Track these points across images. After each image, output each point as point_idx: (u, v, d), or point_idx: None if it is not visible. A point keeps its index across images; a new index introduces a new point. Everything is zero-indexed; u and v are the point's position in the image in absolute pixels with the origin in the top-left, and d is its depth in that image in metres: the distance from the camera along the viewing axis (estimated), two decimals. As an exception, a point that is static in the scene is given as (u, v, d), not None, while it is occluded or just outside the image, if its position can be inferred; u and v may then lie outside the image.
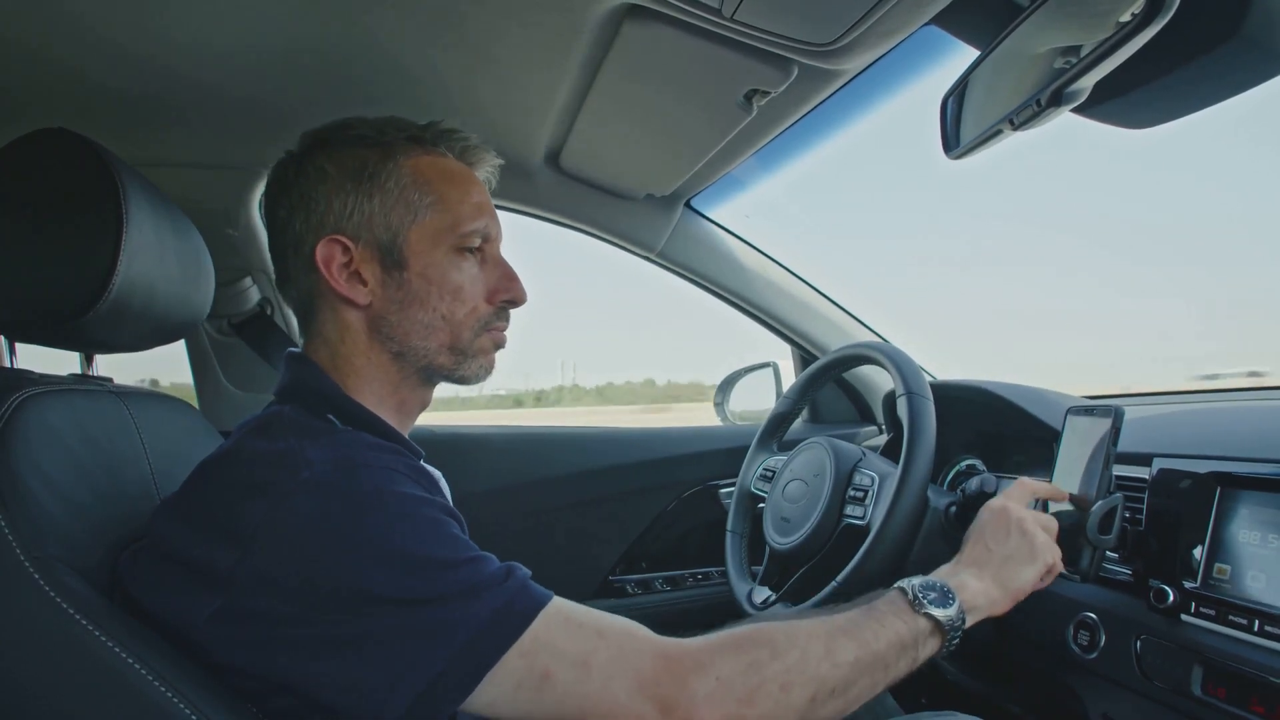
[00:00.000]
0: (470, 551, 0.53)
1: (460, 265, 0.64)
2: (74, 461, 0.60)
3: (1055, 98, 0.58)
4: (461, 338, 0.64)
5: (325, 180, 0.62)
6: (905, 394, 0.85)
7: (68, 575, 0.53)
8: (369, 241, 0.62)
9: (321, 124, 0.66)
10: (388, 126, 0.64)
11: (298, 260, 0.63)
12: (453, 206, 0.64)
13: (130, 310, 0.64)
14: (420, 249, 0.62)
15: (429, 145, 0.65)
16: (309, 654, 0.50)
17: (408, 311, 0.63)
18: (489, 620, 0.50)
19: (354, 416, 0.61)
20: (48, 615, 0.51)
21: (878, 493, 0.85)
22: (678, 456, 1.37)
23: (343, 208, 0.61)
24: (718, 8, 0.72)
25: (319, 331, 0.64)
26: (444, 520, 0.54)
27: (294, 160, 0.64)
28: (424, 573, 0.50)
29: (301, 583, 0.49)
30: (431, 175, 0.64)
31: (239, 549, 0.50)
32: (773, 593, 0.91)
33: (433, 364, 0.65)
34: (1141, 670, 0.69)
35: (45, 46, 0.81)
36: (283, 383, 0.64)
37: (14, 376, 0.62)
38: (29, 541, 0.52)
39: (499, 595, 0.51)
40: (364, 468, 0.54)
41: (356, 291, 0.62)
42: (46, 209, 0.61)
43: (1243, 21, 0.53)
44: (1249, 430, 0.82)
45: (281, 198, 0.63)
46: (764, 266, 1.39)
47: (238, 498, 0.53)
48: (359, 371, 0.64)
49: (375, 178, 0.62)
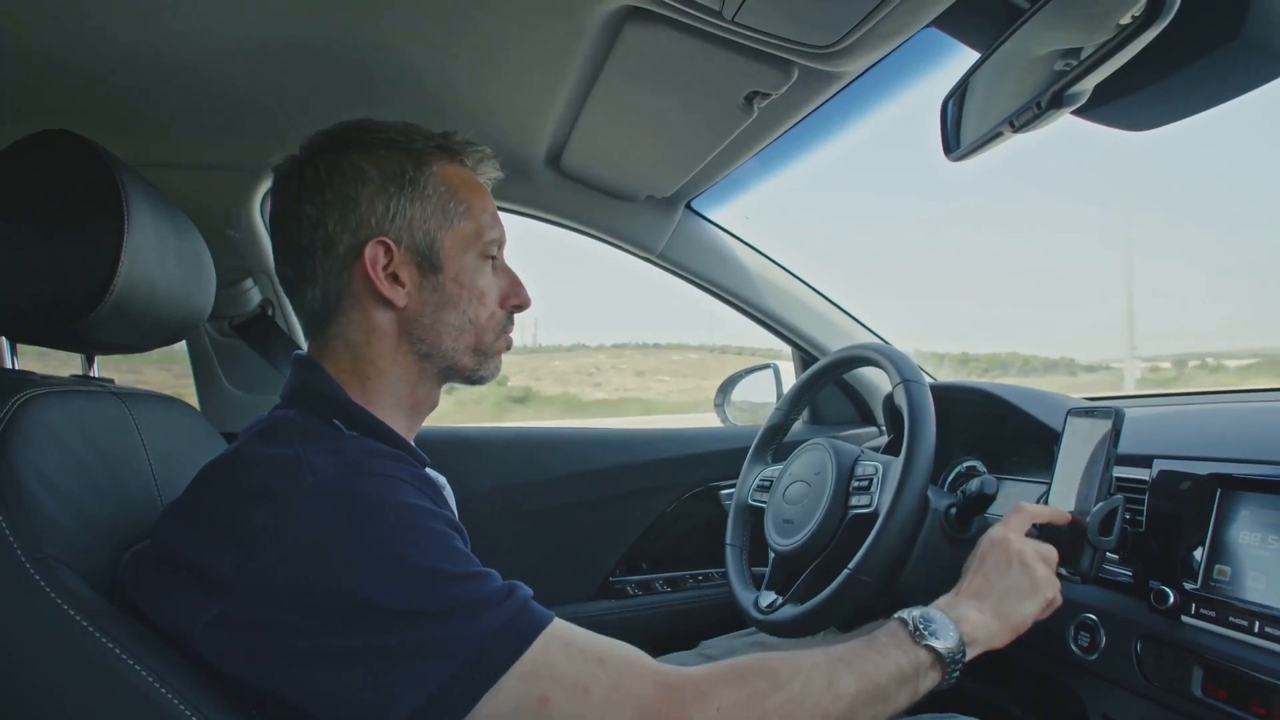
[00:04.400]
0: (472, 566, 0.53)
1: (485, 271, 0.67)
2: (75, 463, 0.60)
3: (1055, 100, 0.58)
4: (484, 339, 0.67)
5: (367, 182, 0.62)
6: (902, 382, 0.85)
7: (68, 577, 0.53)
8: (409, 245, 0.63)
9: (328, 125, 0.66)
10: (414, 133, 0.65)
11: (328, 260, 0.62)
12: (478, 215, 0.66)
13: (131, 311, 0.64)
14: (454, 254, 0.65)
15: (453, 155, 0.67)
16: (304, 665, 0.49)
17: (441, 314, 0.64)
18: (489, 639, 0.49)
19: (360, 422, 0.61)
20: (48, 616, 0.51)
21: (883, 479, 0.85)
22: (678, 457, 1.37)
23: (385, 211, 0.62)
24: (718, 10, 0.72)
25: (340, 333, 0.64)
26: (447, 533, 0.54)
27: (322, 158, 0.63)
28: (425, 585, 0.50)
29: (301, 590, 0.49)
30: (458, 184, 0.66)
31: (241, 554, 0.50)
32: (779, 596, 0.91)
33: (456, 364, 0.66)
34: (1142, 671, 0.70)
35: (48, 47, 0.81)
36: (290, 387, 0.64)
37: (15, 378, 0.62)
38: (30, 542, 0.52)
39: (500, 614, 0.50)
40: (369, 476, 0.54)
41: (396, 293, 0.63)
42: (48, 210, 0.61)
43: (1243, 24, 0.53)
44: (1249, 432, 0.82)
45: (311, 196, 0.62)
46: (764, 268, 1.39)
47: (242, 503, 0.53)
48: (383, 373, 0.64)
49: (416, 184, 0.63)
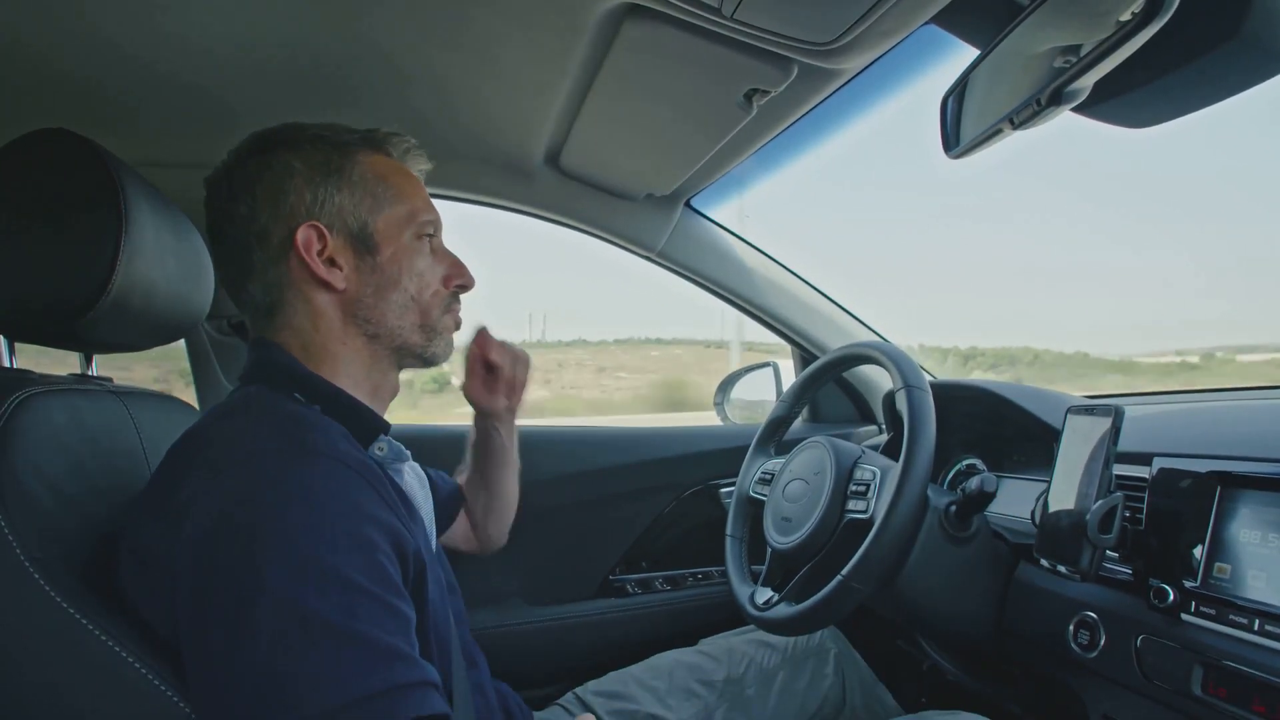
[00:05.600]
0: (384, 586, 0.51)
1: (423, 251, 0.69)
2: (74, 461, 0.60)
3: (1055, 97, 0.58)
4: (431, 315, 0.69)
5: (294, 175, 0.64)
6: (904, 387, 0.85)
7: (67, 575, 0.53)
8: (341, 230, 0.65)
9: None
10: (339, 129, 0.68)
11: (264, 253, 0.64)
12: (409, 198, 0.69)
13: (130, 310, 0.64)
14: (389, 235, 0.67)
15: (378, 146, 0.69)
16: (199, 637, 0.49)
17: (383, 293, 0.66)
18: (358, 695, 0.47)
19: (321, 392, 0.63)
20: (48, 615, 0.51)
21: (880, 486, 0.85)
22: (678, 456, 1.37)
23: (314, 199, 0.64)
24: (717, 7, 0.72)
25: (288, 322, 0.65)
26: (371, 541, 0.52)
27: (251, 159, 0.65)
28: (322, 584, 0.48)
29: (212, 562, 0.49)
30: (386, 171, 0.68)
31: (174, 526, 0.51)
32: (775, 593, 0.91)
33: (406, 343, 0.68)
34: (1142, 670, 0.69)
35: (46, 47, 0.81)
36: (247, 365, 0.65)
37: (14, 377, 0.62)
38: (29, 541, 0.52)
39: (373, 669, 0.48)
40: (311, 456, 0.53)
41: (334, 275, 0.65)
42: (46, 209, 0.61)
43: (1243, 21, 0.53)
44: (1249, 429, 0.82)
45: (242, 195, 0.64)
46: (764, 266, 1.39)
47: (182, 474, 0.54)
48: (334, 356, 0.66)
49: (342, 172, 0.65)
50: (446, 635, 0.64)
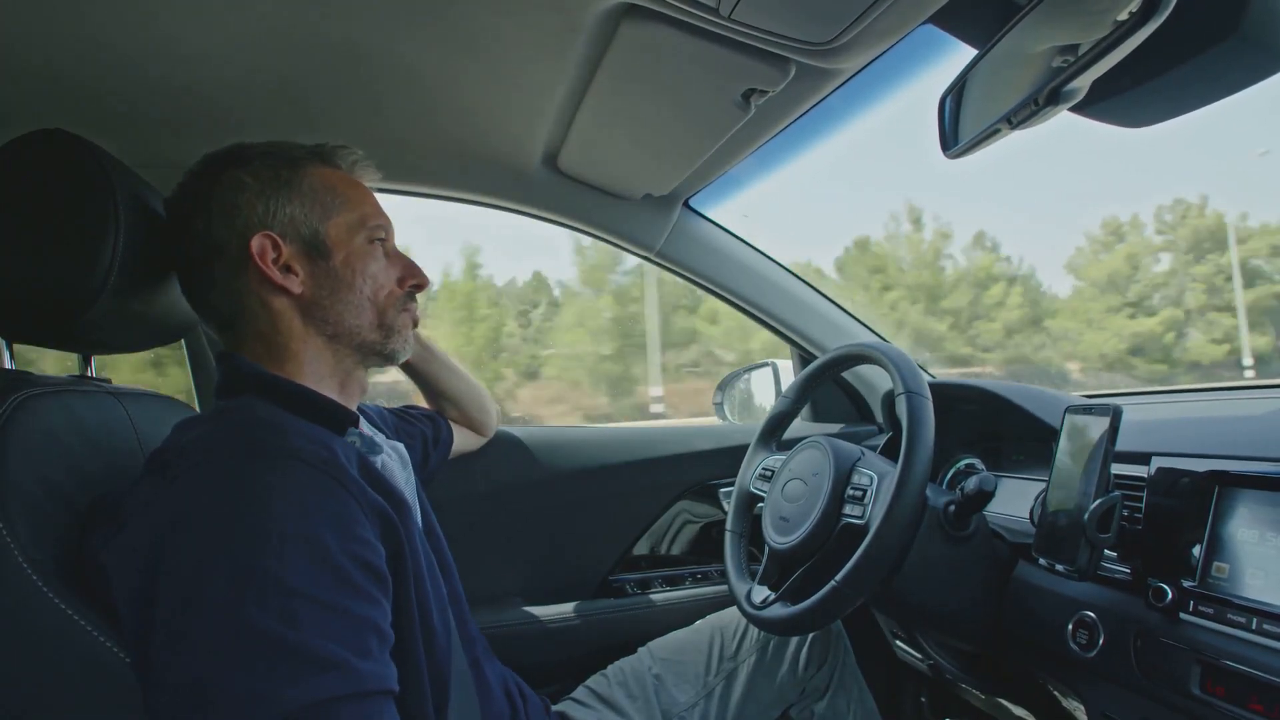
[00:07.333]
0: (335, 589, 0.50)
1: (376, 254, 0.72)
2: (72, 462, 0.60)
3: (1053, 96, 0.58)
4: (387, 315, 0.71)
5: (244, 189, 0.67)
6: (904, 393, 0.85)
7: (64, 575, 0.53)
8: (294, 237, 0.67)
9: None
10: (287, 145, 0.71)
11: (223, 264, 0.66)
12: (358, 205, 0.71)
13: (128, 311, 0.64)
14: (340, 240, 0.69)
15: (326, 159, 0.72)
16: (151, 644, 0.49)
17: (338, 295, 0.69)
18: (288, 710, 0.46)
19: (286, 391, 0.64)
20: (45, 615, 0.51)
21: (876, 492, 0.85)
22: (677, 456, 1.37)
23: (265, 210, 0.67)
24: (715, 7, 0.72)
25: (250, 330, 0.67)
26: (323, 541, 0.51)
27: (204, 177, 0.68)
28: (264, 593, 0.48)
29: (156, 569, 0.50)
30: (334, 181, 0.71)
31: (126, 531, 0.52)
32: (771, 592, 0.91)
33: (365, 341, 0.71)
34: (1140, 669, 0.69)
35: (43, 48, 0.81)
36: (217, 382, 0.67)
37: (12, 378, 0.62)
38: (27, 543, 0.52)
39: (320, 686, 0.47)
40: (266, 458, 0.54)
41: (290, 280, 0.67)
42: (43, 209, 0.61)
43: (1241, 20, 0.53)
44: (1247, 429, 0.82)
45: (198, 212, 0.66)
46: (762, 266, 1.39)
47: (140, 481, 0.56)
48: (297, 355, 0.67)
49: (291, 184, 0.68)
50: (432, 613, 0.64)
